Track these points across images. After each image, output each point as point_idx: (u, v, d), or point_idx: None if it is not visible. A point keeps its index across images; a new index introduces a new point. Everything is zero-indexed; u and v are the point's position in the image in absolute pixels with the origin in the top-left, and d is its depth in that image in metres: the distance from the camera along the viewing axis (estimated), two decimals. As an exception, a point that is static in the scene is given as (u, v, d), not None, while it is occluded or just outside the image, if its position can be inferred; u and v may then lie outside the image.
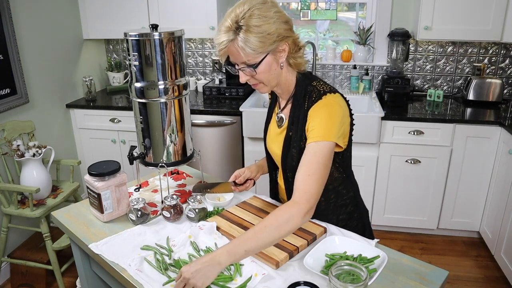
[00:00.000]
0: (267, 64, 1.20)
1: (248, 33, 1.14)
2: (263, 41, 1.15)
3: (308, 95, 1.27)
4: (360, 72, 3.20)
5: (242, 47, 1.16)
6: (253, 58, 1.18)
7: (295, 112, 1.30)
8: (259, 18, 1.14)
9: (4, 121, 2.49)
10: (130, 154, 1.52)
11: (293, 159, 1.30)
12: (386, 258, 1.12)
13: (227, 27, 1.16)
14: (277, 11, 1.18)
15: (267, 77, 1.24)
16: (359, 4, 3.24)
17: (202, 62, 3.48)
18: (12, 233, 2.61)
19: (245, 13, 1.14)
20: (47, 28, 2.87)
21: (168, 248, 1.26)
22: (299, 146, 1.28)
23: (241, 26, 1.14)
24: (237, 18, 1.15)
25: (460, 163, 2.69)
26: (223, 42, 1.17)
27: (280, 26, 1.17)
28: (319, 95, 1.24)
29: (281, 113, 1.38)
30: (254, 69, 1.20)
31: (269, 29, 1.15)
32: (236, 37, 1.15)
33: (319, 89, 1.26)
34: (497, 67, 3.05)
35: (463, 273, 2.59)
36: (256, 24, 1.14)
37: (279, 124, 1.38)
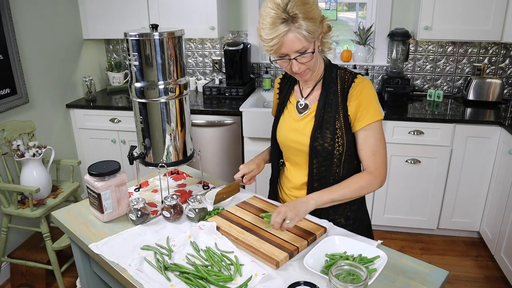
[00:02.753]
0: (317, 48, 1.26)
1: (301, 20, 1.17)
2: (315, 25, 1.20)
3: (340, 77, 1.34)
4: (360, 72, 3.20)
5: (299, 34, 1.18)
6: (308, 44, 1.21)
7: (327, 95, 1.34)
8: (304, 5, 1.18)
9: (4, 121, 2.49)
10: (130, 154, 1.52)
11: (325, 140, 1.33)
12: (386, 258, 1.12)
13: (276, 19, 1.17)
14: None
15: (315, 62, 1.30)
16: (359, 4, 3.24)
17: (202, 62, 3.48)
18: (12, 233, 2.61)
19: (290, 3, 1.16)
20: (47, 28, 2.87)
21: (168, 248, 1.26)
22: (333, 126, 1.32)
23: (291, 16, 1.16)
24: (284, 8, 1.16)
25: (460, 163, 2.68)
26: (279, 34, 1.17)
27: (318, 9, 1.23)
28: (352, 75, 1.33)
29: (305, 100, 1.40)
30: (312, 54, 1.24)
31: (315, 13, 1.20)
32: (290, 26, 1.17)
33: (349, 71, 1.35)
34: (497, 67, 3.05)
35: (463, 273, 2.59)
36: (305, 10, 1.17)
37: (302, 111, 1.39)
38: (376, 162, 1.32)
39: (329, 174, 1.38)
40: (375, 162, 1.32)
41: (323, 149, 1.34)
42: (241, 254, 1.22)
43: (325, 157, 1.35)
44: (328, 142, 1.33)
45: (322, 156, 1.36)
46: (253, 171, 1.51)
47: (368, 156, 1.33)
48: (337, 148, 1.34)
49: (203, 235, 1.31)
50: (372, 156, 1.32)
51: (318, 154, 1.36)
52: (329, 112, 1.33)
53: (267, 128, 1.54)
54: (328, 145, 1.33)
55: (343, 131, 1.33)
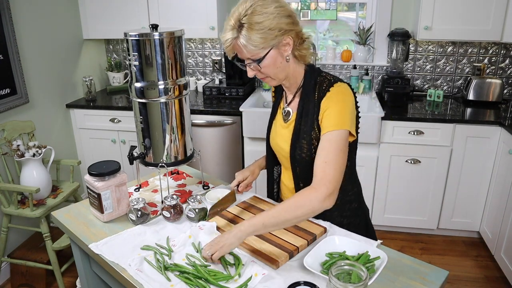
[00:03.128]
0: (272, 58, 1.23)
1: (250, 30, 1.17)
2: (265, 36, 1.17)
3: (318, 85, 1.30)
4: (360, 72, 3.20)
5: (244, 45, 1.19)
6: (257, 53, 1.21)
7: (304, 103, 1.32)
8: (260, 15, 1.16)
9: (4, 121, 2.49)
10: (130, 154, 1.52)
11: (302, 150, 1.32)
12: (386, 258, 1.12)
13: (231, 26, 1.19)
14: (278, 6, 1.19)
15: (273, 71, 1.26)
16: (359, 4, 3.24)
17: (202, 62, 3.48)
18: (12, 233, 2.61)
19: (247, 11, 1.17)
20: (47, 28, 2.87)
21: (168, 248, 1.26)
22: (309, 136, 1.30)
23: (243, 24, 1.17)
24: (239, 17, 1.17)
25: (460, 163, 2.68)
26: (227, 40, 1.21)
27: (281, 20, 1.19)
28: (330, 83, 1.28)
29: (288, 107, 1.39)
30: (258, 64, 1.23)
31: (270, 24, 1.17)
32: (238, 35, 1.18)
33: (329, 78, 1.30)
34: (497, 67, 3.05)
35: (463, 273, 2.59)
36: (257, 21, 1.16)
37: (286, 119, 1.39)
38: (324, 171, 1.18)
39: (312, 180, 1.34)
40: (324, 171, 1.19)
41: (301, 158, 1.33)
42: (241, 254, 1.22)
43: (305, 167, 1.34)
44: (305, 152, 1.31)
45: (301, 165, 1.34)
46: (247, 179, 1.52)
47: (320, 163, 1.20)
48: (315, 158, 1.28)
49: (203, 235, 1.31)
50: (323, 164, 1.20)
51: (298, 162, 1.35)
52: (305, 122, 1.31)
53: (267, 128, 1.54)
54: (305, 155, 1.31)
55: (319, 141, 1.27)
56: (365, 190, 1.49)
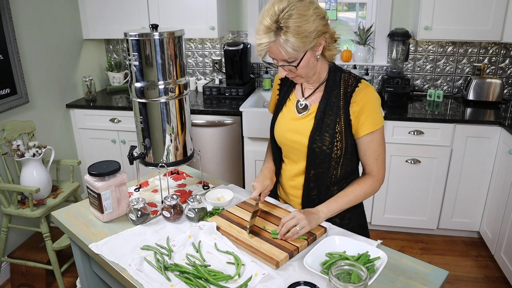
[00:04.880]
0: (307, 60, 1.24)
1: (289, 34, 1.15)
2: (304, 40, 1.18)
3: (343, 80, 1.33)
4: (360, 72, 3.20)
5: (284, 48, 1.18)
6: (294, 56, 1.21)
7: (329, 98, 1.34)
8: (298, 18, 1.15)
9: (4, 121, 2.49)
10: (130, 154, 1.52)
11: (323, 143, 1.33)
12: (386, 258, 1.12)
13: (267, 27, 1.17)
14: (315, 7, 1.19)
15: (305, 71, 1.29)
16: (359, 4, 3.24)
17: (202, 62, 3.48)
18: (12, 233, 2.61)
19: (285, 13, 1.15)
20: (47, 28, 2.87)
21: (168, 248, 1.26)
22: (333, 129, 1.32)
23: (281, 27, 1.15)
24: (276, 18, 1.16)
25: (460, 163, 2.68)
26: (263, 43, 1.19)
27: (319, 23, 1.19)
28: (356, 80, 1.33)
29: (305, 101, 1.39)
30: (296, 67, 1.24)
31: (309, 28, 1.17)
32: (277, 38, 1.17)
33: (353, 75, 1.35)
34: (497, 67, 3.05)
35: (463, 273, 2.59)
36: (296, 24, 1.15)
37: (302, 112, 1.39)
38: (378, 166, 1.37)
39: (325, 176, 1.39)
40: (377, 166, 1.37)
41: (321, 151, 1.34)
42: (241, 254, 1.22)
43: (323, 160, 1.36)
44: (326, 145, 1.33)
45: (319, 158, 1.36)
46: (268, 188, 1.46)
47: (372, 161, 1.36)
48: (335, 151, 1.34)
49: (203, 235, 1.31)
50: (375, 161, 1.36)
51: (316, 156, 1.36)
52: (330, 115, 1.33)
53: (267, 128, 1.53)
54: (326, 148, 1.33)
55: (343, 135, 1.33)
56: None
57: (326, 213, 1.33)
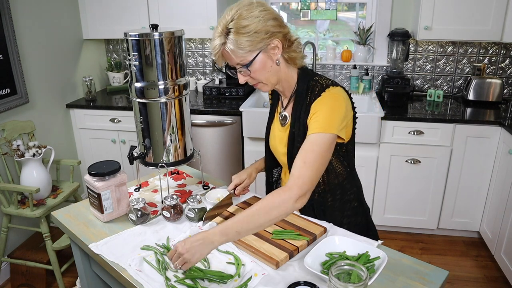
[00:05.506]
0: (261, 62, 1.23)
1: (237, 34, 1.18)
2: (252, 39, 1.18)
3: (311, 89, 1.29)
4: (360, 72, 3.20)
5: (232, 49, 1.19)
6: (245, 57, 1.21)
7: (297, 108, 1.31)
8: (245, 19, 1.18)
9: (4, 121, 2.49)
10: (130, 154, 1.52)
11: None
12: (386, 258, 1.12)
13: (219, 33, 1.20)
14: (263, 9, 1.20)
15: (264, 75, 1.26)
16: (359, 4, 3.24)
17: (202, 62, 3.48)
18: (12, 233, 2.61)
19: (233, 16, 1.18)
20: (47, 28, 2.87)
21: (168, 248, 1.26)
22: (303, 141, 1.27)
23: (230, 29, 1.18)
24: (226, 23, 1.19)
25: (460, 163, 2.68)
26: (216, 46, 1.21)
27: (267, 23, 1.19)
28: (322, 88, 1.27)
29: (284, 112, 1.39)
30: (247, 68, 1.22)
31: (256, 27, 1.18)
32: (226, 40, 1.19)
33: (321, 82, 1.29)
34: (497, 67, 3.05)
35: (463, 273, 2.59)
36: (243, 24, 1.17)
37: (283, 123, 1.39)
38: (301, 173, 1.15)
39: None
40: (300, 171, 1.16)
41: None
42: (241, 254, 1.22)
43: None
44: None
45: None
46: (244, 182, 1.52)
47: (298, 163, 1.17)
48: None
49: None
50: (302, 164, 1.17)
51: None
52: (298, 127, 1.30)
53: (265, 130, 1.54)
54: None
55: None
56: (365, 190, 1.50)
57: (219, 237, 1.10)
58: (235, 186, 1.52)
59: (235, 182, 1.52)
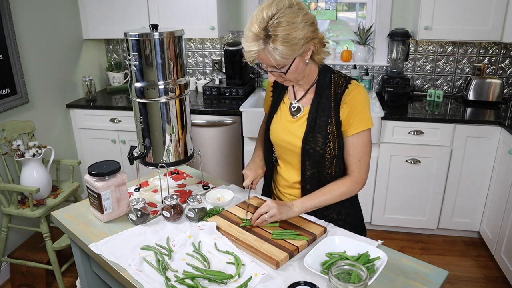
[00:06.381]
0: (295, 66, 1.25)
1: (278, 43, 1.15)
2: (293, 48, 1.17)
3: (333, 82, 1.34)
4: (360, 72, 3.20)
5: (272, 55, 1.18)
6: (283, 63, 1.21)
7: (320, 99, 1.35)
8: (287, 26, 1.14)
9: (4, 121, 2.49)
10: (130, 154, 1.52)
11: (317, 144, 1.35)
12: (386, 258, 1.12)
13: (255, 35, 1.16)
14: (304, 14, 1.18)
15: (294, 76, 1.29)
16: (359, 4, 3.24)
17: (202, 62, 3.48)
18: (12, 233, 2.61)
19: (274, 20, 1.13)
20: (47, 28, 2.87)
21: (168, 248, 1.26)
22: (325, 131, 1.34)
23: (270, 35, 1.15)
24: (265, 25, 1.14)
25: (460, 163, 2.68)
26: (252, 51, 1.18)
27: (308, 29, 1.19)
28: (346, 81, 1.34)
29: (297, 103, 1.40)
30: (285, 73, 1.25)
31: (298, 35, 1.16)
32: (266, 46, 1.16)
33: (343, 76, 1.36)
34: (497, 67, 3.05)
35: (463, 273, 2.59)
36: (285, 32, 1.14)
37: (295, 114, 1.40)
38: (360, 168, 1.37)
39: (320, 175, 1.40)
40: (359, 168, 1.37)
41: (315, 152, 1.36)
42: (241, 254, 1.22)
43: (317, 160, 1.37)
44: (319, 146, 1.35)
45: (314, 159, 1.37)
46: (259, 176, 1.52)
47: (354, 161, 1.37)
48: (328, 151, 1.35)
49: (203, 235, 1.31)
50: (358, 162, 1.36)
51: (310, 156, 1.37)
52: (321, 117, 1.34)
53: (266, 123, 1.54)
54: (320, 148, 1.35)
55: (335, 135, 1.34)
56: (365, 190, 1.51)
57: (300, 208, 1.35)
58: (252, 181, 1.48)
59: (251, 177, 1.48)
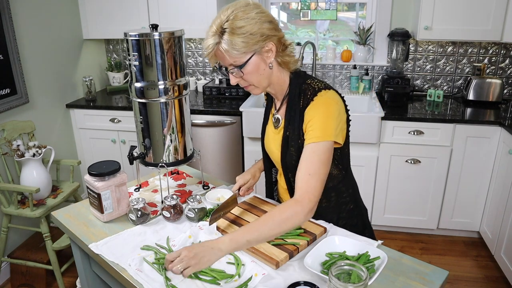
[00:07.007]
0: (254, 64, 1.22)
1: (232, 35, 1.17)
2: (247, 41, 1.17)
3: (303, 93, 1.28)
4: (360, 72, 3.20)
5: (226, 49, 1.19)
6: (239, 59, 1.20)
7: (290, 111, 1.31)
8: (241, 20, 1.17)
9: (4, 121, 2.49)
10: (130, 154, 1.52)
11: (292, 158, 1.32)
12: (386, 258, 1.12)
13: (213, 32, 1.19)
14: (259, 11, 1.20)
15: (256, 78, 1.25)
16: (359, 4, 3.24)
17: (202, 62, 3.48)
18: (12, 233, 2.61)
19: (229, 17, 1.18)
20: (47, 28, 2.87)
21: (168, 248, 1.26)
22: (297, 144, 1.29)
23: (225, 29, 1.18)
24: (221, 23, 1.18)
25: (460, 163, 2.68)
26: (209, 46, 1.20)
27: (262, 26, 1.19)
28: (314, 92, 1.26)
29: (277, 114, 1.39)
30: (240, 69, 1.22)
31: (251, 29, 1.17)
32: (220, 40, 1.18)
33: (314, 86, 1.27)
34: (497, 67, 3.05)
35: (463, 273, 2.59)
36: (238, 25, 1.16)
37: (276, 125, 1.39)
38: (309, 185, 1.18)
39: None
40: (308, 184, 1.18)
41: (292, 165, 1.32)
42: (241, 254, 1.22)
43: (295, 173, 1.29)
44: (294, 159, 1.31)
45: (292, 172, 1.33)
46: (249, 182, 1.52)
47: (303, 175, 1.20)
48: None
49: (203, 235, 1.31)
50: (307, 176, 1.19)
51: (289, 169, 1.35)
52: (292, 130, 1.30)
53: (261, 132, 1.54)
54: (294, 162, 1.30)
55: None
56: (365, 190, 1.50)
57: (228, 245, 1.15)
58: (240, 187, 1.51)
59: (240, 183, 1.50)
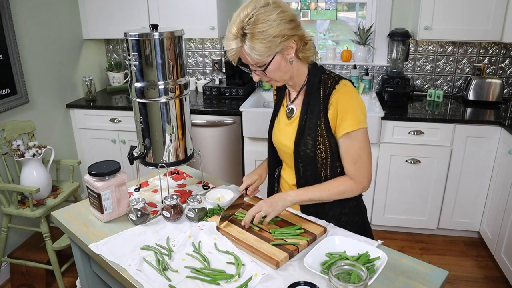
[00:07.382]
0: (276, 63, 1.24)
1: (254, 40, 1.17)
2: (269, 45, 1.19)
3: (323, 82, 1.33)
4: (360, 72, 3.20)
5: (249, 54, 1.20)
6: (262, 61, 1.22)
7: (309, 100, 1.34)
8: (263, 23, 1.17)
9: (4, 121, 2.49)
10: (130, 154, 1.52)
11: (307, 146, 1.34)
12: (386, 258, 1.12)
13: (234, 35, 1.19)
14: (280, 11, 1.19)
15: (278, 74, 1.29)
16: (359, 4, 3.24)
17: (202, 62, 3.48)
18: (12, 233, 2.61)
19: (249, 19, 1.17)
20: (47, 28, 2.87)
21: (168, 248, 1.26)
22: (314, 132, 1.33)
23: (246, 34, 1.17)
24: (242, 25, 1.18)
25: (460, 163, 2.68)
26: (231, 50, 1.21)
27: (284, 27, 1.19)
28: (335, 81, 1.31)
29: (291, 105, 1.41)
30: (264, 71, 1.25)
31: (273, 32, 1.17)
32: (243, 44, 1.19)
33: (333, 76, 1.34)
34: (497, 67, 3.05)
35: (463, 273, 2.59)
36: (260, 30, 1.16)
37: (289, 116, 1.41)
38: (357, 171, 1.33)
39: (315, 177, 1.39)
40: (356, 170, 1.33)
41: (306, 154, 1.35)
42: (241, 254, 1.22)
43: (309, 162, 1.37)
44: (309, 148, 1.34)
45: (306, 161, 1.37)
46: (256, 182, 1.53)
47: (350, 165, 1.33)
48: (319, 154, 1.35)
49: (203, 235, 1.31)
50: (353, 165, 1.32)
51: (302, 159, 1.37)
52: (310, 119, 1.33)
53: (267, 128, 1.55)
54: (310, 151, 1.34)
55: (325, 137, 1.33)
56: (365, 190, 1.50)
57: (293, 198, 1.32)
58: (247, 187, 1.51)
59: (247, 183, 1.51)
